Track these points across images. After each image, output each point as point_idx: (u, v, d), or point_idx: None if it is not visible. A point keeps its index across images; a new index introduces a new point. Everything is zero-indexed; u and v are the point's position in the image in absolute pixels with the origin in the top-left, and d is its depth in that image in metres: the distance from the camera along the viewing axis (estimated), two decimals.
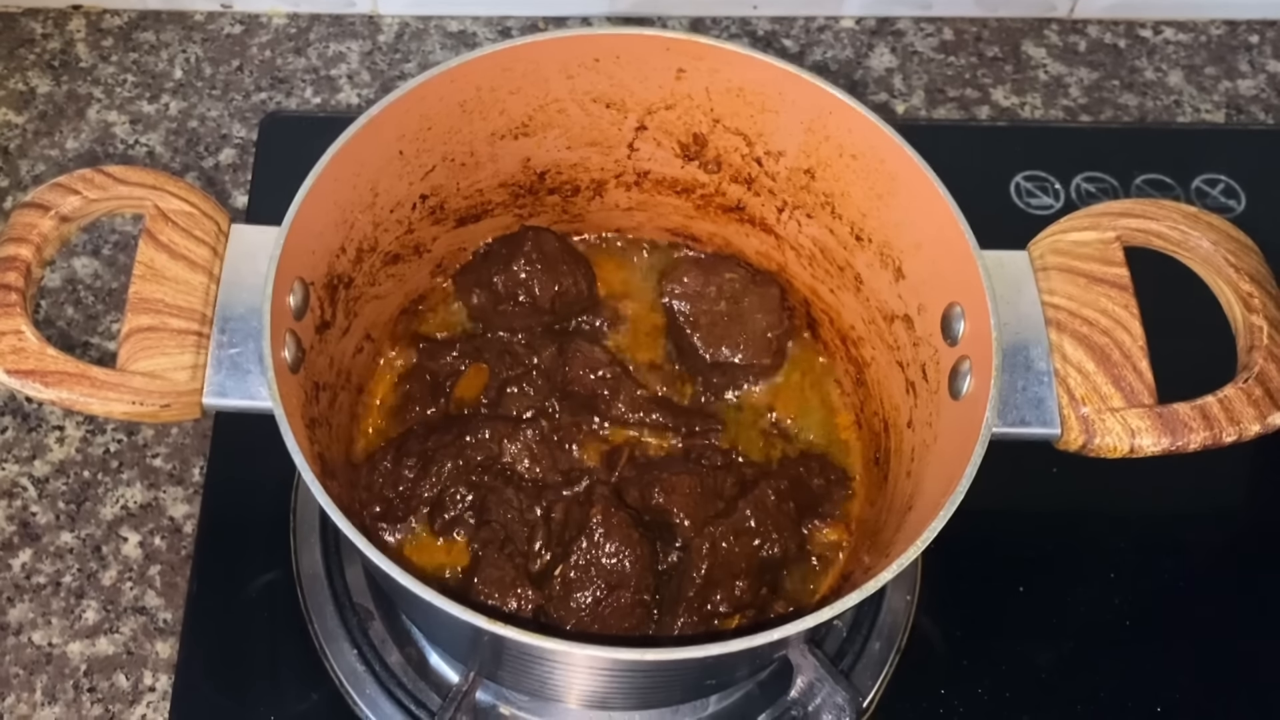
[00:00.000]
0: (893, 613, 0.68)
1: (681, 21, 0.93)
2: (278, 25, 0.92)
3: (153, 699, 0.67)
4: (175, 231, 0.54)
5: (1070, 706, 0.69)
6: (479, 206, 0.67)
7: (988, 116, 0.90)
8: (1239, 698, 0.70)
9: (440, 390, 0.67)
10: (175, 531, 0.72)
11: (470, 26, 0.92)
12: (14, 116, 0.87)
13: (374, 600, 0.67)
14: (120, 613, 0.70)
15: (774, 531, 0.61)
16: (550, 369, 0.66)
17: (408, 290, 0.68)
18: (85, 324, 0.78)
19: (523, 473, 0.63)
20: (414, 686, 0.65)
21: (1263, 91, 0.93)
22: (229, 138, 0.86)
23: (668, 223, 0.71)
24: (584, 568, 0.58)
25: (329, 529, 0.69)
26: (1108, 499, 0.73)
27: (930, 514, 0.48)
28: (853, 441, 0.68)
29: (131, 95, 0.88)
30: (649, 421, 0.66)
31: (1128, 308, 0.55)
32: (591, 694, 0.60)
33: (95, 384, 0.51)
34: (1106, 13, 0.94)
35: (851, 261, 0.64)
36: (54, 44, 0.90)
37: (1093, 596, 0.72)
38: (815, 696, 0.62)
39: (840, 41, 0.93)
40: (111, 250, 0.81)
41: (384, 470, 0.63)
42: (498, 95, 0.61)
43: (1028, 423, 0.53)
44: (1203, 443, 0.52)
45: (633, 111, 0.63)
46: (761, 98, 0.61)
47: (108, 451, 0.74)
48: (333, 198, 0.57)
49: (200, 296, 0.53)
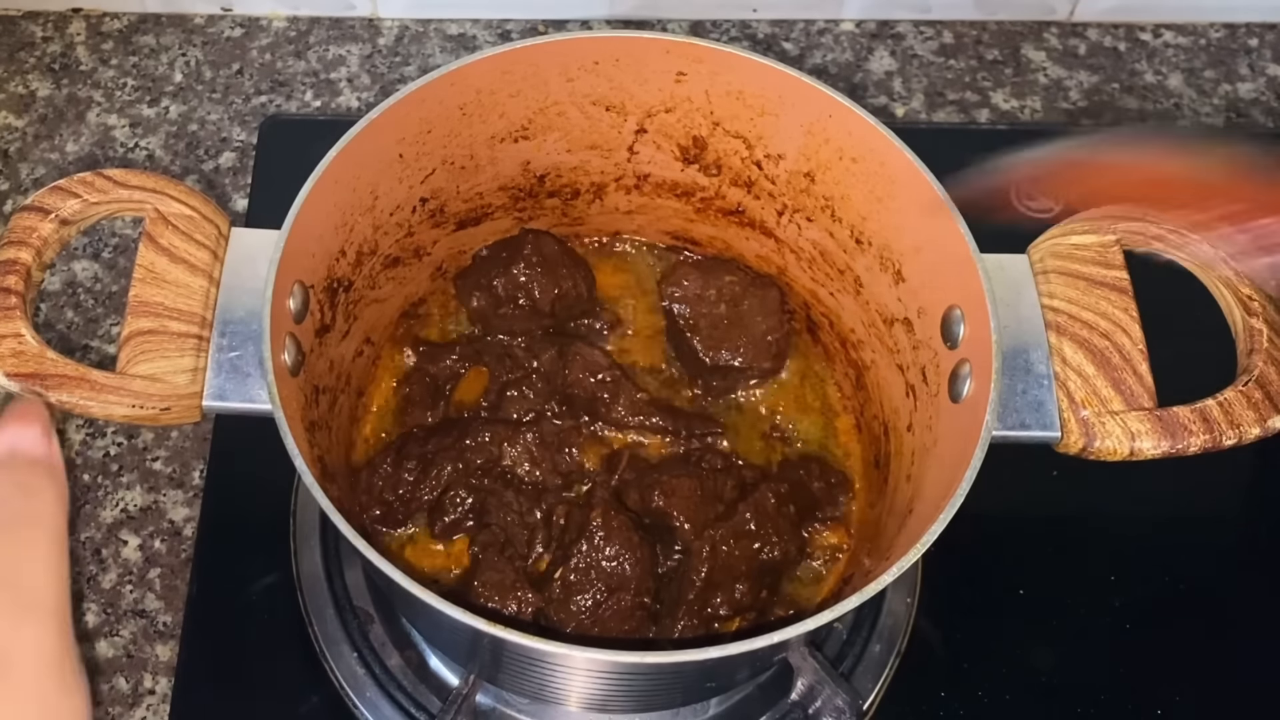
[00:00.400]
0: (893, 615, 0.68)
1: (681, 25, 0.93)
2: (278, 28, 0.92)
3: (152, 702, 0.67)
4: (175, 235, 0.54)
5: (1070, 708, 0.69)
6: (479, 210, 0.67)
7: (987, 120, 0.90)
8: (1239, 698, 0.70)
9: (440, 393, 0.67)
10: (175, 534, 0.72)
11: (470, 30, 0.92)
12: (14, 120, 0.87)
13: (374, 603, 0.67)
14: (120, 616, 0.70)
15: (774, 534, 0.61)
16: (550, 372, 0.66)
17: (408, 293, 0.68)
18: (85, 327, 0.78)
19: (523, 476, 0.63)
20: (414, 689, 0.65)
21: (1262, 94, 0.93)
22: (229, 141, 0.86)
23: (668, 226, 0.71)
24: (584, 570, 0.58)
25: (329, 532, 0.69)
26: (1107, 502, 0.73)
27: (930, 517, 0.48)
28: (853, 445, 0.68)
29: (131, 98, 0.88)
30: (649, 425, 0.66)
31: (1128, 311, 0.55)
32: (591, 697, 0.60)
33: (95, 387, 0.51)
34: (1106, 16, 0.94)
35: (851, 265, 0.64)
36: (54, 47, 0.90)
37: (1093, 598, 0.72)
38: (815, 699, 0.62)
39: (840, 45, 0.93)
40: (111, 254, 0.81)
41: (384, 473, 0.63)
42: (497, 98, 0.61)
43: (1028, 426, 0.53)
44: (1202, 446, 0.52)
45: (632, 115, 0.63)
46: (761, 101, 0.61)
47: (108, 455, 0.74)
48: (333, 201, 0.57)
49: (200, 300, 0.53)
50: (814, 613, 0.47)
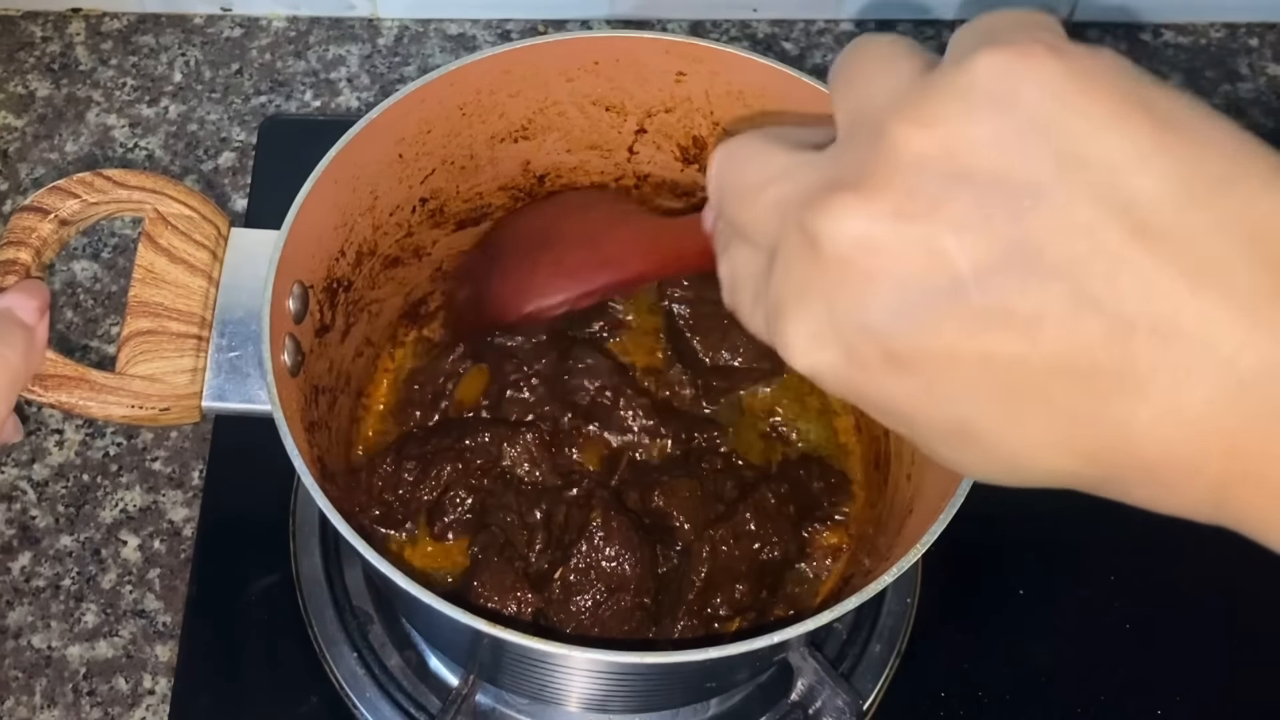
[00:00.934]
0: (893, 615, 0.68)
1: (681, 24, 0.93)
2: (277, 28, 0.92)
3: (152, 702, 0.67)
4: (174, 235, 0.54)
5: (1070, 709, 0.69)
6: (479, 210, 0.67)
7: None
8: (1239, 698, 0.70)
9: (440, 394, 0.67)
10: (175, 535, 0.72)
11: (470, 30, 0.92)
12: (13, 120, 0.87)
13: (374, 603, 0.67)
14: (120, 616, 0.70)
15: (774, 535, 0.61)
16: (550, 373, 0.66)
17: (408, 293, 0.68)
18: (84, 327, 0.78)
19: (522, 476, 0.63)
20: (414, 690, 0.65)
21: (1262, 94, 0.93)
22: (228, 141, 0.86)
23: None
24: (584, 571, 0.58)
25: (328, 532, 0.69)
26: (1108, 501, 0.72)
27: (930, 517, 0.48)
28: (853, 445, 0.68)
29: (131, 98, 0.88)
30: (648, 425, 0.66)
31: None
32: (591, 697, 0.60)
33: (94, 387, 0.51)
34: (1106, 15, 0.94)
35: None
36: (53, 47, 0.90)
37: (1093, 598, 0.72)
38: (816, 699, 0.62)
39: (840, 45, 0.93)
40: (111, 254, 0.81)
41: (383, 473, 0.63)
42: (497, 99, 0.61)
43: None
44: None
45: (632, 114, 0.63)
46: (761, 101, 0.61)
47: (107, 455, 0.74)
48: (332, 201, 0.57)
49: (199, 300, 0.53)
50: (814, 613, 0.47)
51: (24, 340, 0.48)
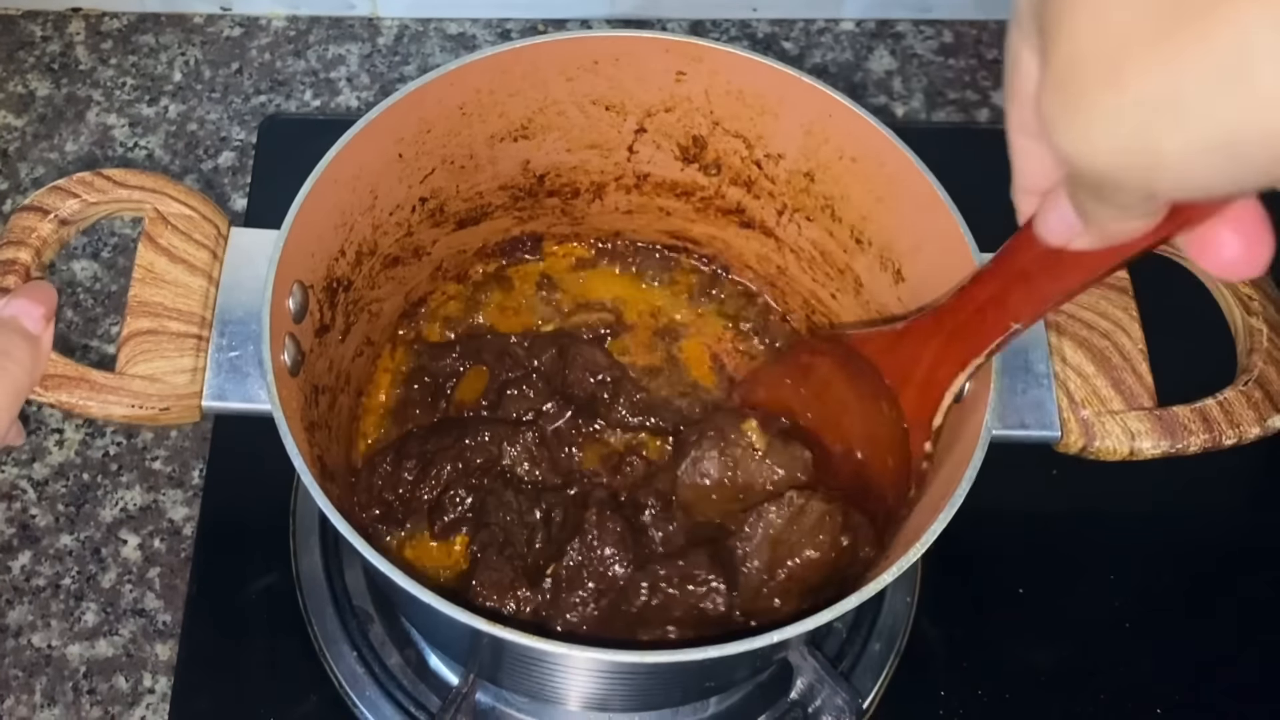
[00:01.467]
0: (893, 614, 0.69)
1: (681, 24, 0.93)
2: (277, 28, 0.92)
3: (152, 700, 0.67)
4: (174, 235, 0.54)
5: (1070, 708, 0.69)
6: (479, 209, 0.67)
7: (987, 119, 0.90)
8: (1239, 698, 0.70)
9: (440, 393, 0.67)
10: (175, 534, 0.72)
11: (470, 29, 0.92)
12: (13, 119, 0.87)
13: (373, 603, 0.67)
14: (120, 615, 0.70)
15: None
16: (550, 372, 0.66)
17: (407, 293, 0.68)
18: (84, 327, 0.78)
19: (522, 475, 0.63)
20: (414, 688, 0.65)
21: None
22: (228, 140, 0.86)
23: (668, 225, 0.71)
24: (575, 569, 0.58)
25: (328, 531, 0.69)
26: (1107, 501, 0.73)
27: (930, 516, 0.48)
28: None
29: (131, 98, 0.88)
30: (649, 425, 0.66)
31: (1127, 310, 0.55)
32: (591, 696, 0.60)
33: (94, 387, 0.51)
34: None
35: (852, 264, 0.64)
36: (53, 47, 0.90)
37: (1093, 598, 0.72)
38: (815, 698, 0.62)
39: (840, 44, 0.93)
40: (111, 253, 0.81)
41: (383, 473, 0.63)
42: (497, 98, 0.61)
43: (1027, 426, 0.53)
44: (1202, 445, 0.52)
45: (632, 114, 0.63)
46: (761, 100, 0.61)
47: (107, 454, 0.74)
48: (332, 201, 0.57)
49: (199, 300, 0.53)
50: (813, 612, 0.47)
51: (29, 351, 0.48)
